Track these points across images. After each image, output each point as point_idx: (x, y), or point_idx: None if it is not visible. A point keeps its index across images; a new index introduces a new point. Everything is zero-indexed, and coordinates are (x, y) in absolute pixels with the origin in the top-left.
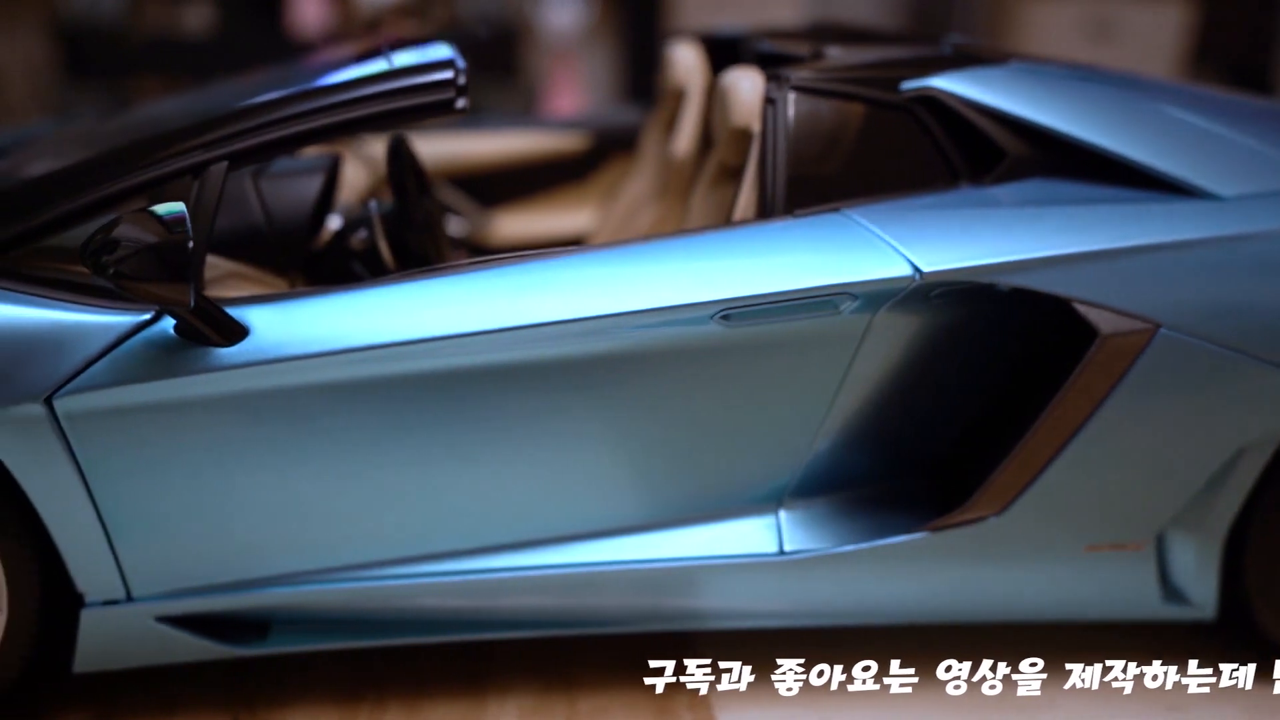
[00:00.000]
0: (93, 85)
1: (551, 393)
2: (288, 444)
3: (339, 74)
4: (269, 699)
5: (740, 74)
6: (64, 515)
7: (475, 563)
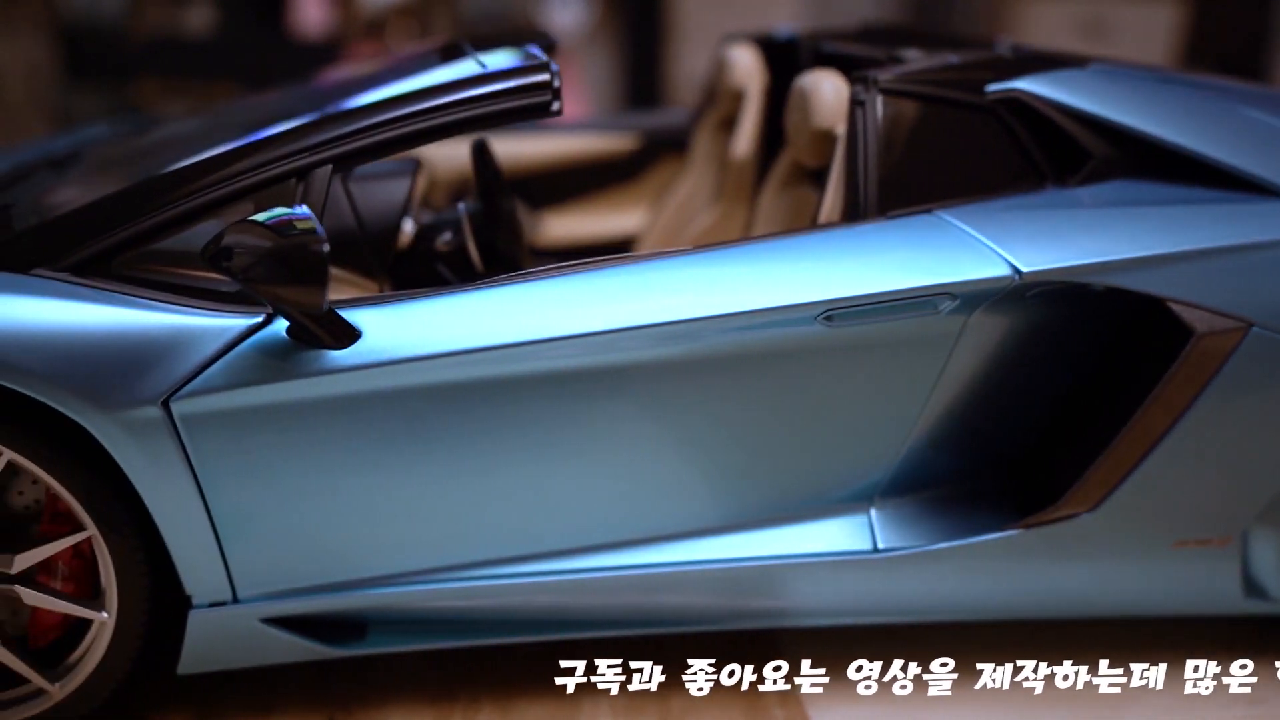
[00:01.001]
0: (93, 86)
1: (651, 394)
2: (395, 446)
3: (425, 76)
4: (364, 699)
5: (820, 76)
6: (176, 517)
7: (572, 562)
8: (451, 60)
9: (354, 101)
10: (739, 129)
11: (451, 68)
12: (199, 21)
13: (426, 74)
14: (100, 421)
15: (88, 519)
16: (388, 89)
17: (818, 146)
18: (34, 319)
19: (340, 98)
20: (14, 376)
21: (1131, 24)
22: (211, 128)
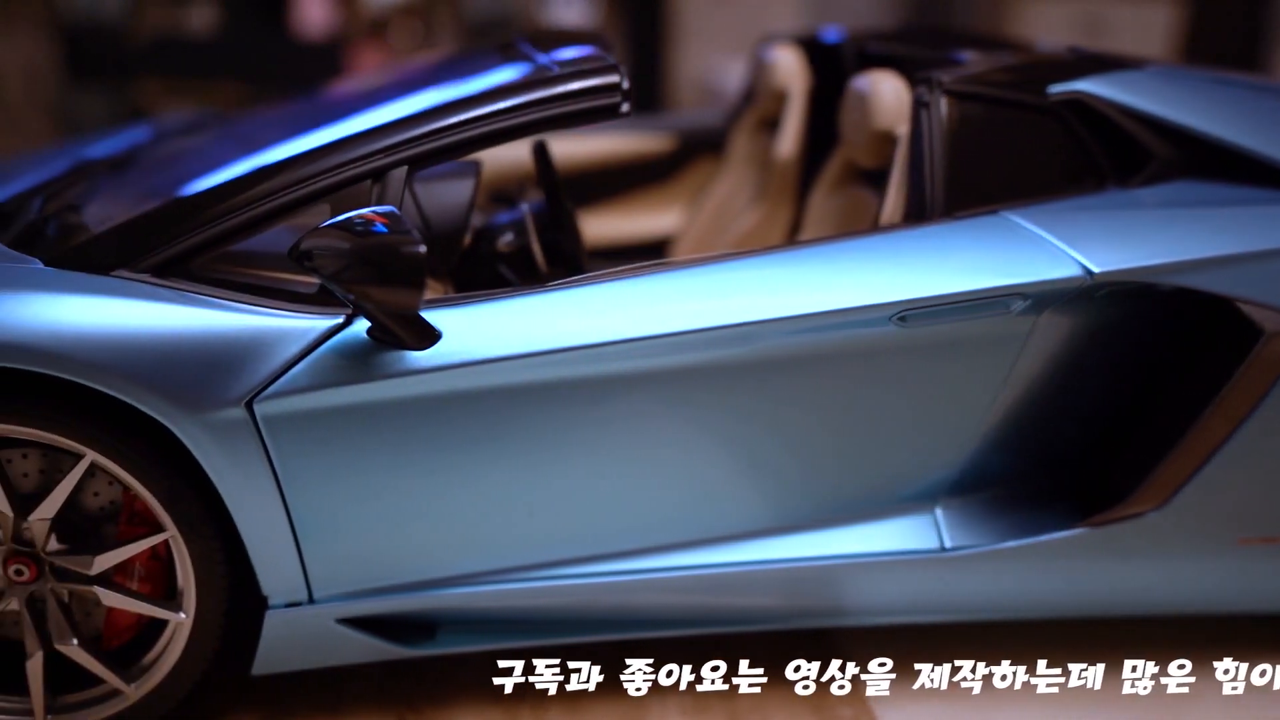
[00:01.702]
0: (95, 86)
1: (724, 395)
2: (473, 447)
3: (489, 76)
4: (432, 699)
5: (879, 77)
6: (256, 518)
7: (641, 562)
8: (511, 60)
9: (416, 101)
10: (783, 130)
11: (515, 68)
12: (200, 21)
13: (488, 74)
14: (184, 423)
15: (168, 520)
16: (450, 88)
17: (877, 147)
18: (118, 321)
19: (396, 96)
20: (100, 377)
21: (1129, 23)
22: (265, 127)
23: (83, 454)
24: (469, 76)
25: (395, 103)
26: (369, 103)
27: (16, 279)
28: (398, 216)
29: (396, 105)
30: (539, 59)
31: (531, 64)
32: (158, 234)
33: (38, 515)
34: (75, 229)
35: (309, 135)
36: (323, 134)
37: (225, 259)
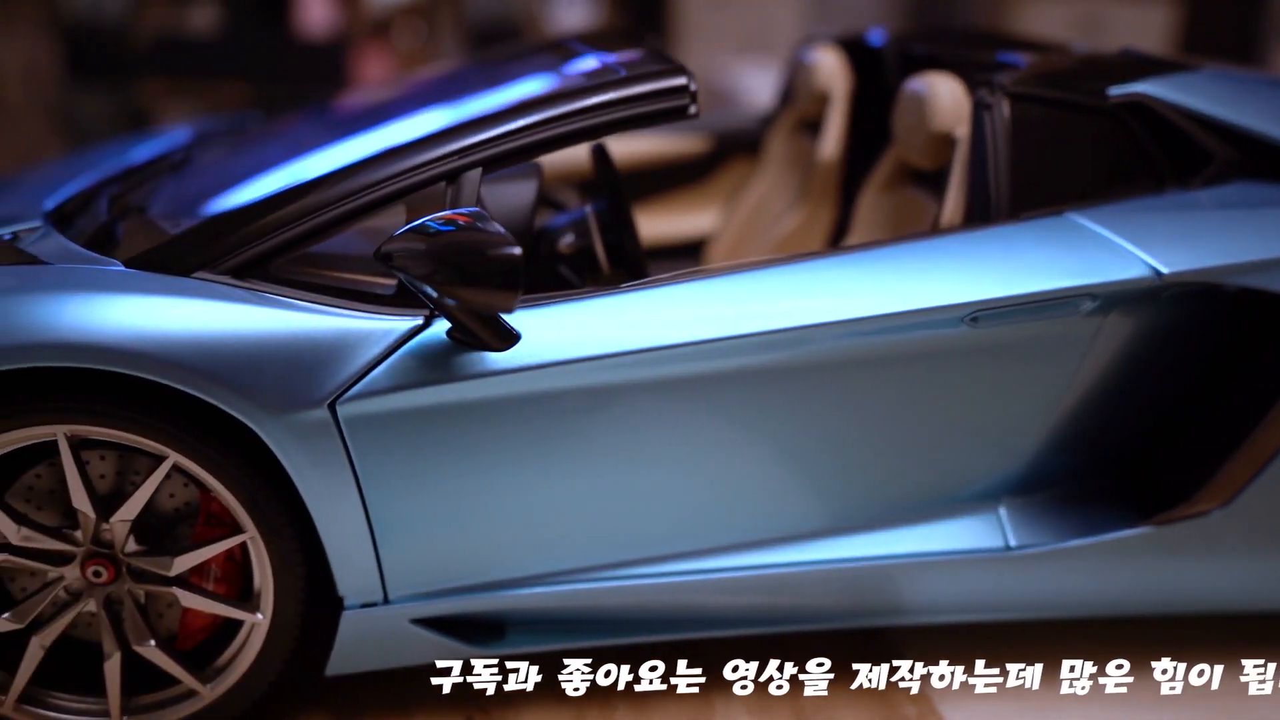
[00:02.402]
0: (97, 87)
1: (799, 395)
2: (549, 447)
3: (546, 77)
4: (500, 699)
5: (935, 79)
6: (336, 519)
7: (711, 562)
8: (565, 61)
9: (483, 102)
10: (825, 131)
11: (574, 69)
12: (202, 21)
13: (544, 75)
14: (268, 424)
15: (249, 522)
16: (509, 89)
17: (934, 149)
18: (202, 322)
19: (451, 97)
20: (186, 379)
21: (1126, 23)
22: (318, 129)
23: (165, 456)
24: (524, 77)
25: (453, 104)
26: (421, 104)
27: (100, 281)
28: (487, 218)
29: (460, 106)
30: (601, 60)
31: (589, 65)
32: (237, 236)
33: (119, 516)
34: (148, 230)
35: (367, 137)
36: (388, 136)
37: (301, 260)
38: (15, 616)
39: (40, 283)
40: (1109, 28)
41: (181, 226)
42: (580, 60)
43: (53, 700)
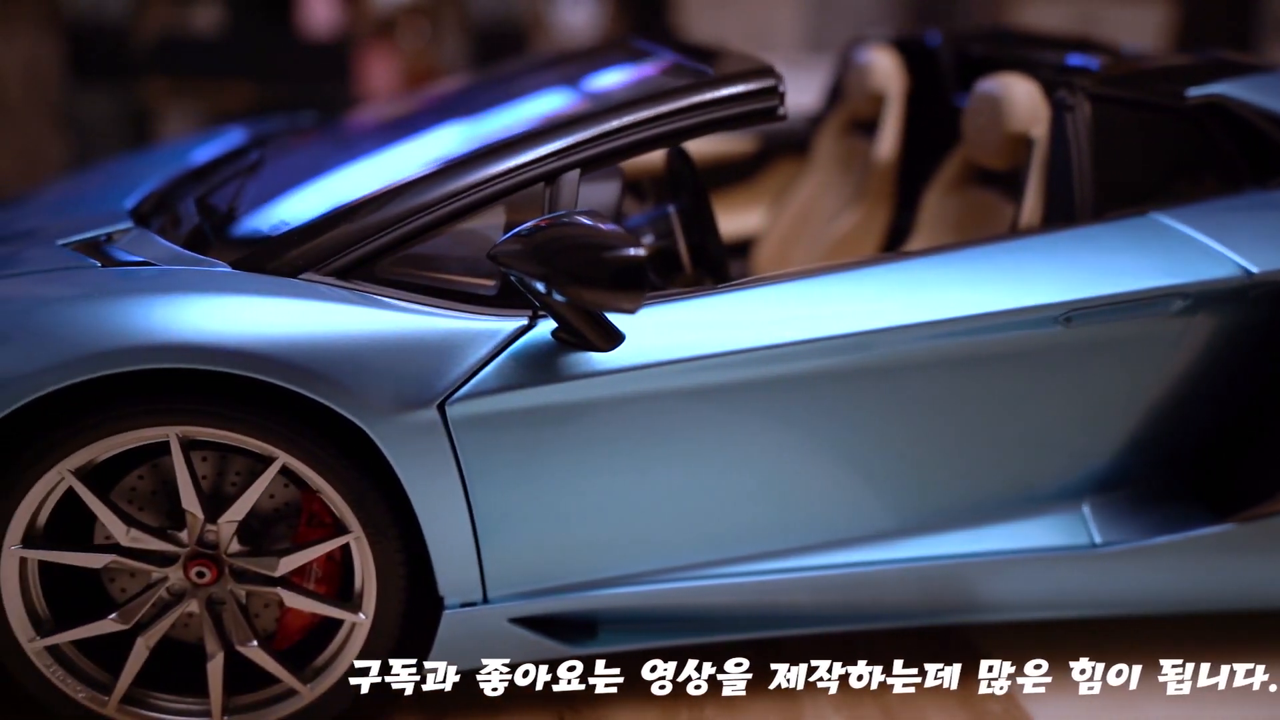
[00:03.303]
0: (100, 86)
1: (895, 394)
2: (652, 447)
3: (615, 75)
4: (590, 698)
5: (1010, 80)
6: (441, 519)
7: (802, 560)
8: (636, 60)
9: (547, 101)
10: (882, 132)
11: (655, 70)
12: (205, 20)
13: (613, 72)
14: (379, 425)
15: (355, 522)
16: (587, 89)
17: (1009, 150)
18: (313, 323)
19: (525, 95)
20: (298, 379)
21: (1122, 23)
22: (391, 128)
23: (273, 457)
24: (597, 77)
25: (527, 104)
26: (492, 104)
27: (210, 282)
28: (607, 219)
29: (536, 107)
30: (676, 60)
31: (667, 64)
32: (341, 238)
33: (227, 517)
34: (245, 232)
35: (444, 138)
36: (469, 136)
37: (402, 261)
38: (121, 617)
39: (153, 284)
40: (1106, 27)
41: (279, 228)
42: (654, 60)
43: (153, 700)
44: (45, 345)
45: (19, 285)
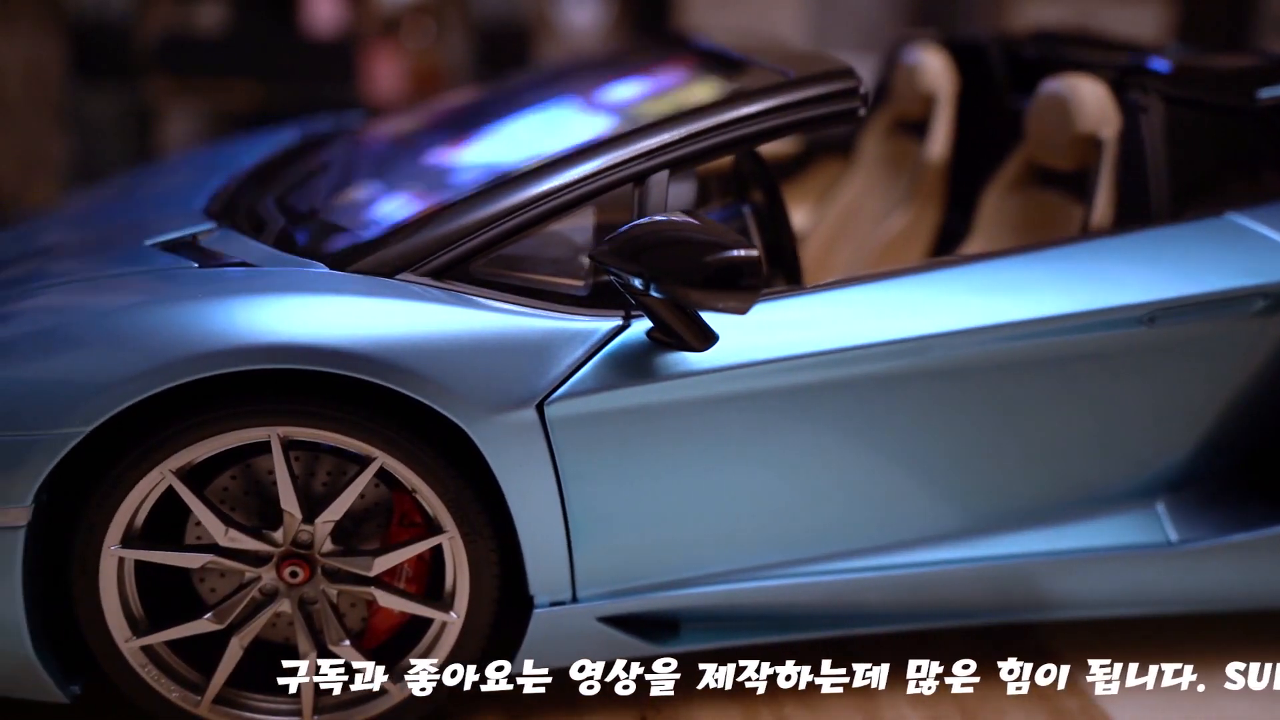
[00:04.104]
0: (103, 85)
1: (978, 394)
2: (744, 446)
3: (700, 77)
4: (672, 697)
5: (1077, 81)
6: (536, 519)
7: (886, 559)
8: (701, 60)
9: (614, 97)
10: (933, 132)
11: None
12: (209, 19)
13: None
14: (478, 424)
15: (451, 522)
16: (651, 89)
17: (1077, 151)
18: (413, 324)
19: (583, 92)
20: (400, 379)
21: (1119, 23)
22: (456, 126)
23: (372, 457)
24: (657, 76)
25: (594, 103)
26: (557, 101)
27: (311, 283)
28: (715, 221)
29: (603, 105)
30: (746, 60)
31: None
32: (436, 238)
33: (324, 517)
34: (333, 232)
35: (517, 136)
36: (543, 135)
37: (494, 262)
38: (216, 617)
39: (256, 285)
40: (1103, 26)
41: (370, 229)
42: (720, 59)
43: (244, 700)
44: (153, 346)
45: (121, 286)
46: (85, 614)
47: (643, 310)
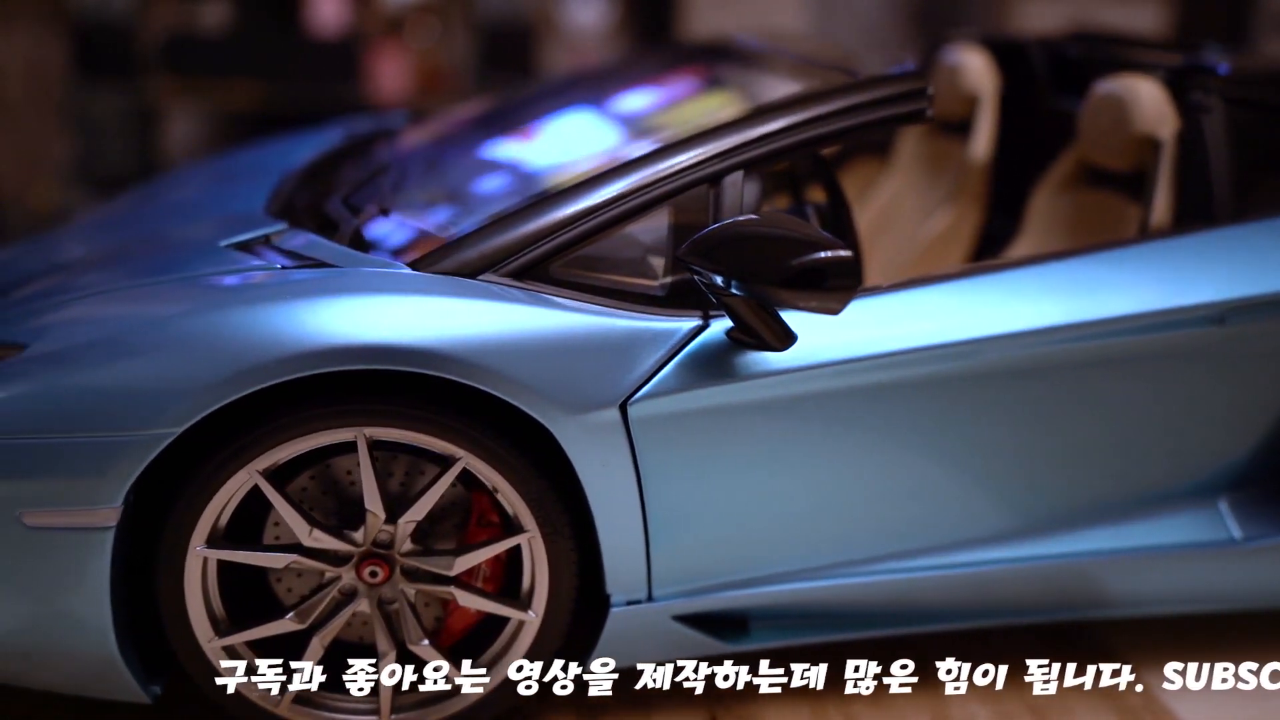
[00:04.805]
0: (106, 85)
1: (1050, 391)
2: (821, 445)
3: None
4: (740, 696)
5: (1134, 82)
6: (616, 518)
7: (958, 556)
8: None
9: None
10: (976, 132)
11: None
12: (212, 19)
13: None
14: (563, 424)
15: (532, 521)
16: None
17: (1135, 151)
18: (499, 325)
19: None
20: (487, 379)
21: (1119, 22)
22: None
23: (455, 457)
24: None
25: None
26: (604, 101)
27: (397, 284)
28: (806, 221)
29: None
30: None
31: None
32: (517, 239)
33: (408, 517)
34: (410, 232)
35: (575, 134)
36: (608, 133)
37: (572, 263)
38: (298, 616)
39: (344, 287)
40: (1102, 26)
41: (447, 230)
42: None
43: (322, 699)
44: (247, 348)
45: (207, 288)
46: (170, 614)
47: (724, 309)
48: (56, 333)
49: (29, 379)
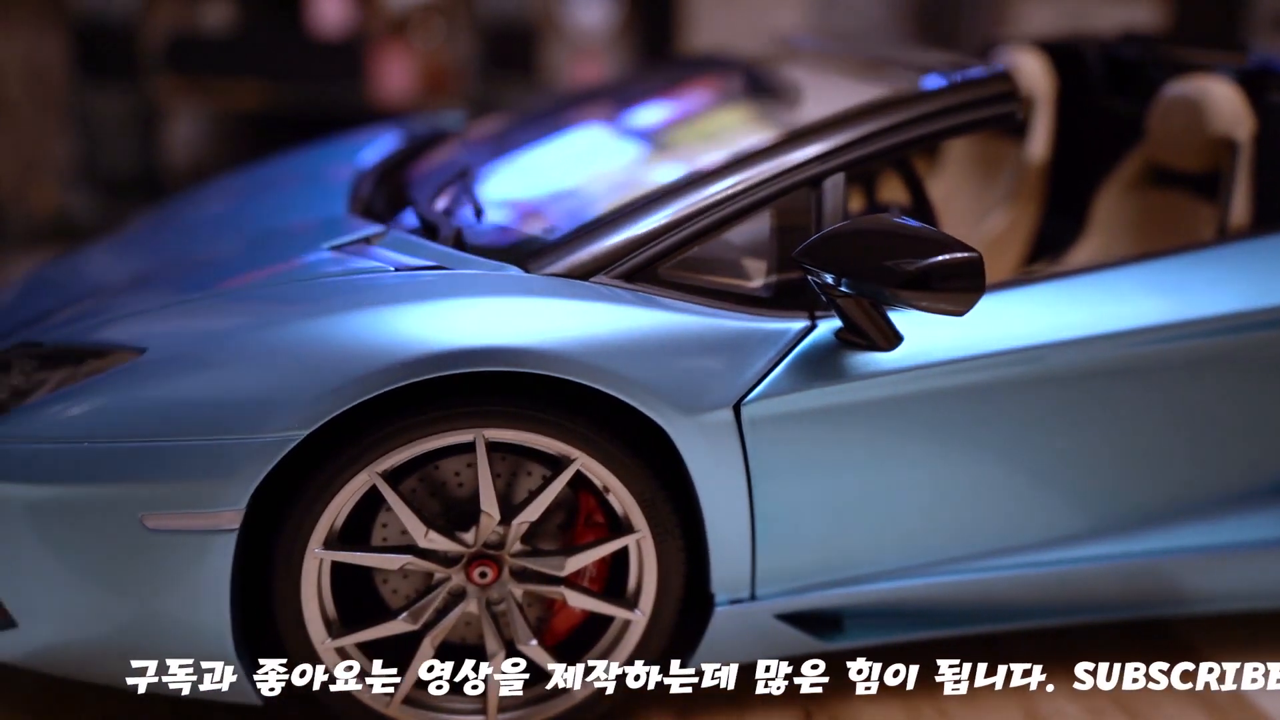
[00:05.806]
0: (109, 85)
1: (1144, 391)
2: (927, 445)
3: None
4: (833, 695)
5: (1208, 83)
6: (725, 518)
7: (1050, 554)
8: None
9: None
10: (1034, 133)
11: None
12: (215, 19)
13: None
14: (679, 424)
15: (643, 522)
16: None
17: (1209, 152)
18: (615, 326)
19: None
20: (605, 380)
21: (1115, 22)
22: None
23: (570, 458)
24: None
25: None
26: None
27: (513, 286)
28: (927, 222)
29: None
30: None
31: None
32: (627, 241)
33: (522, 518)
34: (511, 234)
35: (643, 126)
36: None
37: (678, 265)
38: (410, 618)
39: (460, 289)
40: (1098, 26)
41: (550, 232)
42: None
43: (430, 699)
44: (371, 351)
45: (322, 291)
46: (286, 615)
47: (834, 310)
48: (177, 337)
49: (151, 382)
